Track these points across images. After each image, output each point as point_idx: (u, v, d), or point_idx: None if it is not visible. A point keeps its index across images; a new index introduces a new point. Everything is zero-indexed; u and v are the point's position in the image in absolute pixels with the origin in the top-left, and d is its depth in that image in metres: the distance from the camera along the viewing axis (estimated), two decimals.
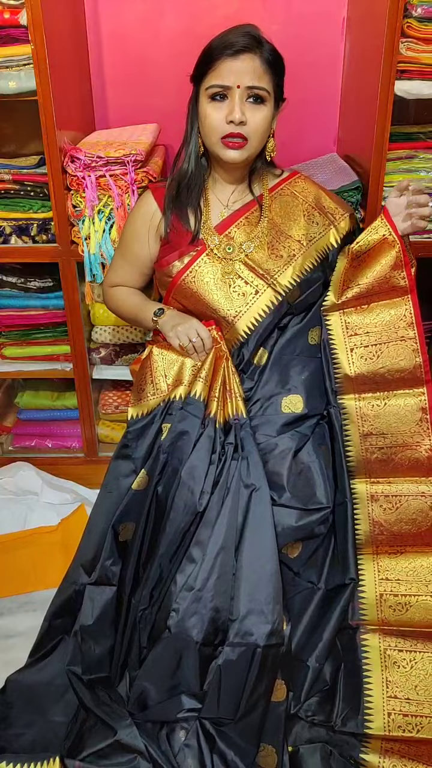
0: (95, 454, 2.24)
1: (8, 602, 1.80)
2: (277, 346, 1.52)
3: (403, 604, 1.38)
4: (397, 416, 1.42)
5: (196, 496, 1.35)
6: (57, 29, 1.73)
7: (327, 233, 1.54)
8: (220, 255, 1.51)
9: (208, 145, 1.46)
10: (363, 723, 1.32)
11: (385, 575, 1.39)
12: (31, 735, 1.37)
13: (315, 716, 1.36)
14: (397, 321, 1.44)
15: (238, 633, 1.29)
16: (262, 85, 1.39)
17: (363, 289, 1.47)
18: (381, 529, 1.42)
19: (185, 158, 1.51)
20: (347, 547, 1.40)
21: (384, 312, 1.46)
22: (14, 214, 1.89)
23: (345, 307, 1.49)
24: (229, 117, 1.38)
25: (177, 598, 1.31)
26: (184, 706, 1.31)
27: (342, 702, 1.35)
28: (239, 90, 1.38)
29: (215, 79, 1.39)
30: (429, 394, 1.41)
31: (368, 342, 1.46)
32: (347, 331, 1.48)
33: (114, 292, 1.68)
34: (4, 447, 2.31)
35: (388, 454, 1.43)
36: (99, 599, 1.41)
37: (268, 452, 1.42)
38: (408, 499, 1.41)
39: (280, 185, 1.56)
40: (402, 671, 1.36)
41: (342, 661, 1.38)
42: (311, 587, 1.40)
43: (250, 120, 1.39)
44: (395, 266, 1.45)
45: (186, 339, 1.46)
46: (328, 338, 1.49)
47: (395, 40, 1.58)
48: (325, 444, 1.45)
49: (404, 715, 1.33)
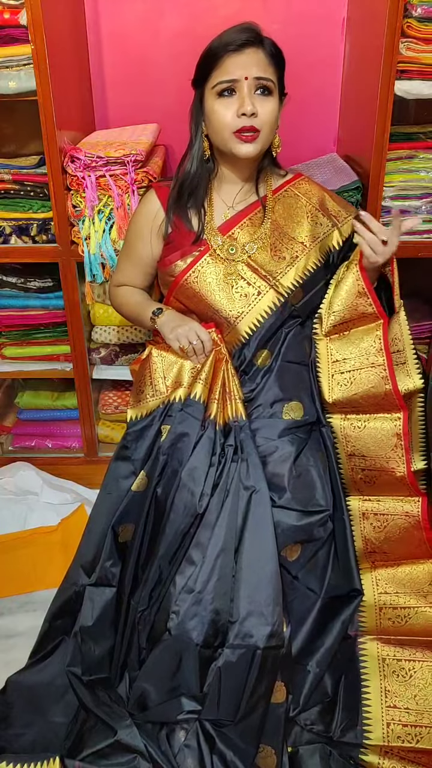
0: (95, 454, 2.24)
1: (8, 602, 1.80)
2: (281, 351, 1.51)
3: (403, 617, 1.38)
4: (375, 439, 1.42)
5: (196, 497, 1.35)
6: (57, 29, 1.73)
7: (331, 234, 1.54)
8: (223, 256, 1.51)
9: (220, 143, 1.44)
10: (362, 733, 1.33)
11: (384, 589, 1.40)
12: (31, 735, 1.37)
13: (314, 726, 1.36)
14: (369, 347, 1.44)
15: (238, 635, 1.29)
16: (268, 76, 1.39)
17: (338, 318, 1.48)
18: (373, 547, 1.44)
19: (189, 160, 1.51)
20: (349, 559, 1.41)
21: (360, 338, 1.46)
22: (14, 214, 1.89)
23: (330, 334, 1.50)
24: (240, 110, 1.38)
25: (177, 600, 1.31)
26: (184, 708, 1.31)
27: (342, 712, 1.36)
28: (247, 82, 1.37)
29: (222, 75, 1.38)
30: (404, 420, 1.40)
31: (344, 368, 1.46)
32: (330, 357, 1.49)
33: (118, 292, 1.69)
34: (4, 447, 2.31)
35: (370, 477, 1.44)
36: (99, 600, 1.42)
37: (268, 455, 1.42)
38: (394, 518, 1.43)
39: (284, 187, 1.56)
40: (401, 680, 1.36)
41: (342, 673, 1.38)
42: (312, 595, 1.40)
43: (261, 111, 1.39)
44: (359, 294, 1.44)
45: (186, 341, 1.46)
46: (315, 360, 1.50)
47: (395, 40, 1.58)
48: (321, 450, 1.46)
49: (403, 725, 1.33)
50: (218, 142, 1.45)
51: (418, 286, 2.18)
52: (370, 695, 1.36)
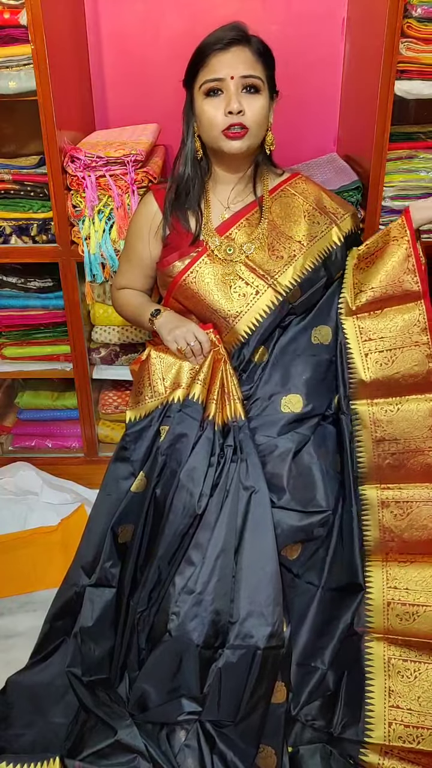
0: (95, 454, 2.24)
1: (8, 602, 1.80)
2: (278, 345, 1.51)
3: (411, 614, 1.37)
4: (410, 421, 1.42)
5: (195, 498, 1.35)
6: (57, 29, 1.73)
7: (329, 232, 1.53)
8: (221, 256, 1.51)
9: (209, 142, 1.45)
10: (363, 731, 1.33)
11: (393, 584, 1.39)
12: (31, 735, 1.37)
13: (315, 721, 1.36)
14: (410, 326, 1.44)
15: (238, 635, 1.29)
16: (255, 74, 1.39)
17: (377, 294, 1.47)
18: (392, 536, 1.41)
19: (183, 162, 1.51)
20: (354, 552, 1.40)
21: (397, 317, 1.46)
22: (14, 214, 1.89)
23: (359, 312, 1.49)
24: (227, 108, 1.38)
25: (177, 601, 1.31)
26: (185, 709, 1.31)
27: (343, 709, 1.35)
28: (233, 81, 1.38)
29: (208, 74, 1.39)
30: None
31: (383, 347, 1.46)
32: (361, 336, 1.48)
33: (119, 295, 1.69)
34: (4, 447, 2.31)
35: (400, 460, 1.43)
36: (99, 601, 1.42)
37: (268, 453, 1.41)
38: (419, 505, 1.41)
39: (280, 186, 1.56)
40: (405, 681, 1.36)
41: (346, 669, 1.38)
42: (311, 588, 1.40)
43: (248, 109, 1.39)
44: (407, 270, 1.44)
45: (184, 343, 1.46)
46: (345, 342, 1.49)
47: (395, 40, 1.58)
48: (326, 447, 1.45)
49: (405, 725, 1.33)
50: (208, 141, 1.45)
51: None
52: (373, 694, 1.35)
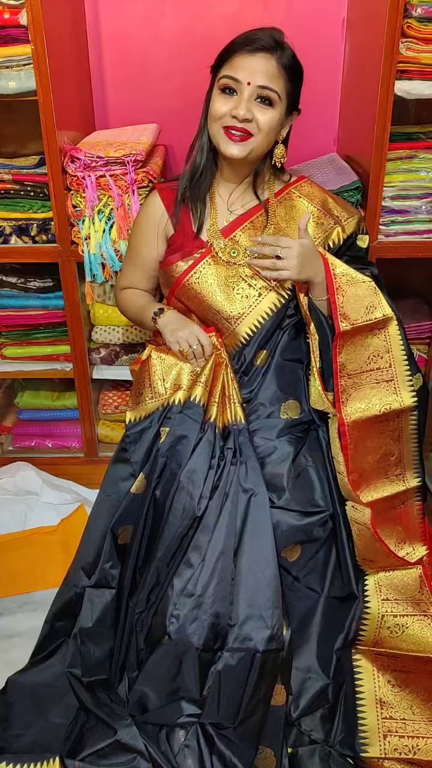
0: (95, 454, 2.24)
1: (8, 602, 1.80)
2: (278, 349, 1.51)
3: (401, 626, 1.37)
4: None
5: (195, 500, 1.35)
6: (57, 29, 1.73)
7: (332, 230, 1.54)
8: (224, 258, 1.51)
9: (212, 135, 1.45)
10: (360, 747, 1.33)
11: (385, 595, 1.39)
12: (31, 736, 1.37)
13: (313, 732, 1.36)
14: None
15: (237, 638, 1.29)
16: (272, 87, 1.38)
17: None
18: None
19: (198, 151, 1.50)
20: (347, 562, 1.40)
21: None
22: (14, 214, 1.89)
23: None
24: (233, 112, 1.38)
25: (177, 604, 1.31)
26: (184, 711, 1.31)
27: (341, 723, 1.36)
28: (249, 87, 1.37)
29: (228, 71, 1.39)
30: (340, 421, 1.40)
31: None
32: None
33: (123, 295, 1.69)
34: (4, 447, 2.31)
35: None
36: (98, 602, 1.42)
37: (267, 456, 1.42)
38: None
39: (286, 189, 1.56)
40: (396, 691, 1.36)
41: (344, 681, 1.38)
42: (313, 595, 1.40)
43: (257, 118, 1.39)
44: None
45: (186, 345, 1.46)
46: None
47: (395, 40, 1.58)
48: (320, 451, 1.46)
49: (401, 736, 1.33)
50: (211, 133, 1.45)
51: (418, 286, 2.18)
52: (365, 707, 1.36)
